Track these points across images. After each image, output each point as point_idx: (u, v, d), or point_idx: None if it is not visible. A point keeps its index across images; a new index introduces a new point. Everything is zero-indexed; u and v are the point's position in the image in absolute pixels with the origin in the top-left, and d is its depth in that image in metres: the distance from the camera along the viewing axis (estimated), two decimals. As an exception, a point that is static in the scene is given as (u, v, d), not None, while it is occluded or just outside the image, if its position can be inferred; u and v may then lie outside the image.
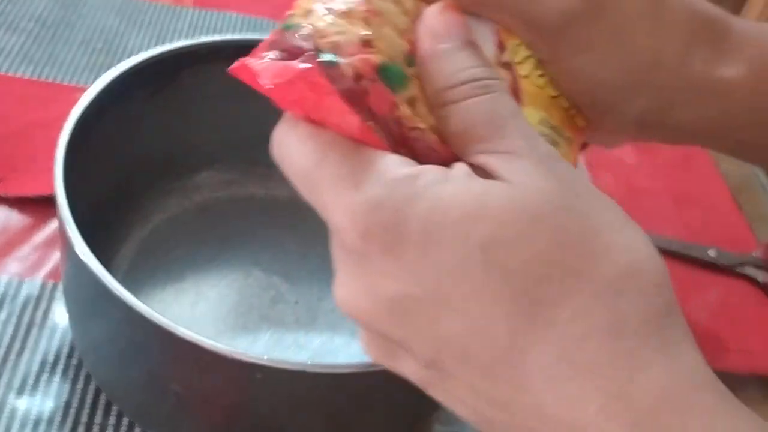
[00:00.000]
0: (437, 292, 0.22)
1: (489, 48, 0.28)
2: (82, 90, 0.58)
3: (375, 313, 0.24)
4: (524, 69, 0.29)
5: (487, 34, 0.28)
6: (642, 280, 0.23)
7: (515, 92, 0.28)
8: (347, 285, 0.24)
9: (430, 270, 0.22)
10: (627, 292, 0.22)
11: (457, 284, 0.22)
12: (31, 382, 0.41)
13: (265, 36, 0.26)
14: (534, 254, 0.22)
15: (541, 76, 0.30)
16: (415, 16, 0.26)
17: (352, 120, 0.23)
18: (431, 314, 0.23)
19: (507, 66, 0.28)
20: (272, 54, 0.24)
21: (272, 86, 0.24)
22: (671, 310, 0.23)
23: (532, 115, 0.29)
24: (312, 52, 0.23)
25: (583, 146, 0.33)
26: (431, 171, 0.23)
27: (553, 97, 0.30)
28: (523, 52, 0.29)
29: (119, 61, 0.62)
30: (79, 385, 0.42)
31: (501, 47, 0.28)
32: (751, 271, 0.57)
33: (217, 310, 0.46)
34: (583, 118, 0.32)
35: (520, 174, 0.23)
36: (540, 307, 0.22)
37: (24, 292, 0.45)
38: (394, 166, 0.23)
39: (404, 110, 0.25)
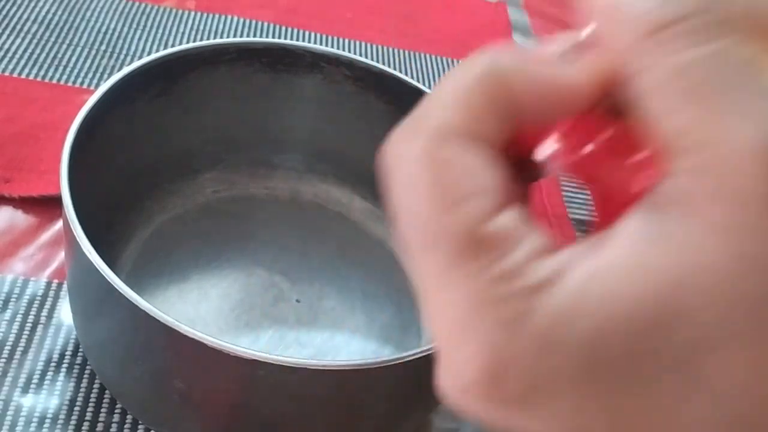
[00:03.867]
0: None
1: None
2: (87, 92, 0.59)
3: None
4: None
5: None
6: None
7: None
8: None
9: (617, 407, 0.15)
10: None
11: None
12: (36, 379, 0.42)
13: (267, 39, 0.25)
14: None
15: None
16: None
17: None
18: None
19: None
20: None
21: None
22: None
23: None
24: None
25: None
26: (577, 257, 0.16)
27: None
28: None
29: (123, 64, 0.63)
30: (84, 383, 0.42)
31: None
32: None
33: (219, 309, 0.46)
34: None
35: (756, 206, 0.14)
36: None
37: (29, 291, 0.46)
38: (527, 266, 0.16)
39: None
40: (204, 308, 0.46)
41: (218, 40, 0.49)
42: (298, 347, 0.45)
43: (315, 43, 0.70)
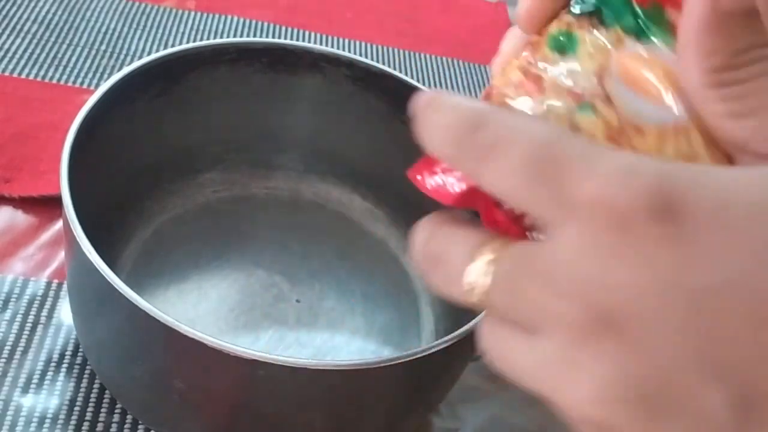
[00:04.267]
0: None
1: None
2: (87, 92, 0.59)
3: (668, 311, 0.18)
4: None
5: None
6: None
7: None
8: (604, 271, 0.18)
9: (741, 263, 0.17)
10: None
11: None
12: (36, 379, 0.42)
13: (267, 39, 0.25)
14: None
15: None
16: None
17: None
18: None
19: None
20: None
21: None
22: None
23: None
24: None
25: None
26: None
27: None
28: None
29: (123, 64, 0.63)
30: (84, 383, 0.42)
31: None
32: None
33: (219, 309, 0.46)
34: None
35: None
36: None
37: (29, 291, 0.46)
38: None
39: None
40: (204, 308, 0.46)
41: (218, 40, 0.49)
42: (298, 347, 0.45)
43: (315, 43, 0.70)
